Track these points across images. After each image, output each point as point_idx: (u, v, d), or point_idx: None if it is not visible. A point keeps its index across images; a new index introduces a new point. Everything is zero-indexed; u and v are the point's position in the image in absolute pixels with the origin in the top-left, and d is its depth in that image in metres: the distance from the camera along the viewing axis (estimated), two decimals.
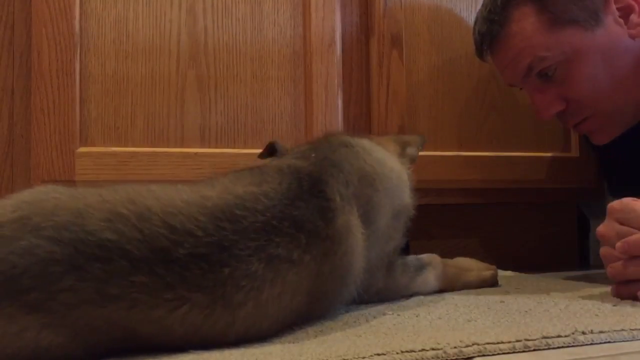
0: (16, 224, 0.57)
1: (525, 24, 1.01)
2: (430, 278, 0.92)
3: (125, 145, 1.08)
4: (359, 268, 0.75)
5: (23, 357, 0.56)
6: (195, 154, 1.10)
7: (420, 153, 1.26)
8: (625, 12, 1.00)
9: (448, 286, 0.95)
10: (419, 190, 0.96)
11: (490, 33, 1.06)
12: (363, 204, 0.76)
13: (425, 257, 0.94)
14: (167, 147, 1.10)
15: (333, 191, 0.71)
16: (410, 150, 0.98)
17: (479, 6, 1.29)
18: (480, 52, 1.13)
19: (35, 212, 0.58)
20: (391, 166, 0.85)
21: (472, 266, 1.01)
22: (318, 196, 0.70)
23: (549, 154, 1.37)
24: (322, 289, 0.70)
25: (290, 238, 0.64)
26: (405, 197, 0.87)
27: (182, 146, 1.11)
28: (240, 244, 0.61)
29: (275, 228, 0.64)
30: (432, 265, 0.93)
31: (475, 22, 1.12)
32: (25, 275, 0.54)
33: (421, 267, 0.92)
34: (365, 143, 0.86)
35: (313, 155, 0.78)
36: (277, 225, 0.64)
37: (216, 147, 1.12)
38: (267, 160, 0.87)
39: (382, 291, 0.85)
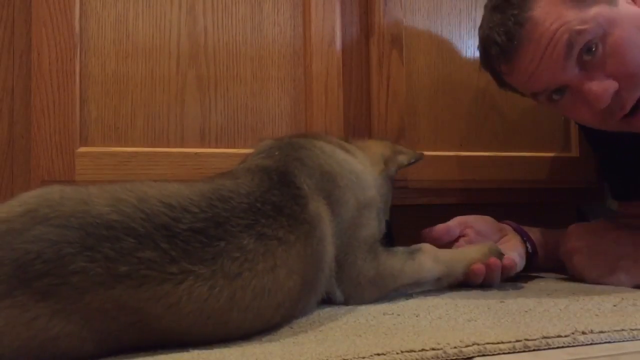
0: (25, 217, 0.59)
1: (550, 7, 0.94)
2: (425, 261, 0.91)
3: (125, 145, 1.08)
4: (330, 254, 0.80)
5: (31, 349, 0.57)
6: (195, 154, 1.10)
7: None
8: None
9: (449, 269, 0.94)
10: (419, 190, 0.97)
11: (517, 24, 0.95)
12: (325, 196, 0.81)
13: (414, 246, 0.94)
14: (167, 147, 1.10)
15: (301, 181, 0.78)
16: (401, 158, 1.04)
17: (479, 6, 1.29)
18: (498, 61, 1.00)
19: (42, 204, 0.60)
20: (350, 168, 0.89)
21: (468, 249, 1.01)
22: (289, 185, 0.76)
23: (549, 154, 1.37)
24: (310, 272, 0.74)
25: (273, 220, 0.70)
26: (370, 192, 0.90)
27: (182, 146, 1.11)
28: (231, 220, 0.66)
29: (260, 210, 0.70)
30: (423, 250, 0.93)
31: (487, 36, 1.00)
32: (39, 260, 0.56)
33: (412, 252, 0.92)
34: (325, 147, 0.90)
35: (277, 153, 0.84)
36: (261, 207, 0.70)
37: (216, 147, 1.12)
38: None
39: (376, 280, 0.86)
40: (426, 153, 1.25)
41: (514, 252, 1.03)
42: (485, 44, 1.02)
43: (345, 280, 0.84)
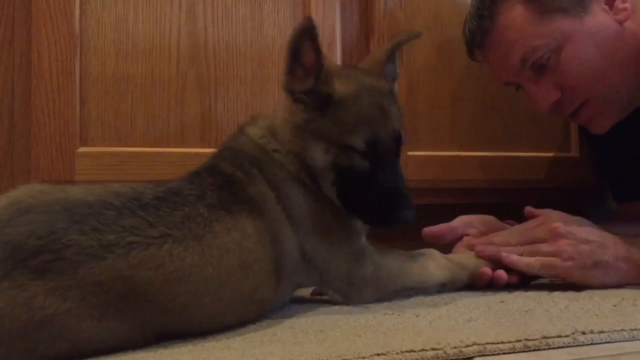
0: (10, 209, 0.64)
1: (515, 15, 1.04)
2: (428, 265, 0.92)
3: (125, 145, 1.08)
4: (291, 242, 0.83)
5: (29, 329, 0.58)
6: (196, 154, 1.09)
7: (420, 153, 1.26)
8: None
9: (454, 275, 0.94)
10: (419, 190, 0.96)
11: (480, 28, 1.08)
12: (267, 181, 0.84)
13: (419, 250, 0.94)
14: (168, 147, 1.10)
15: (231, 170, 0.83)
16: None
17: None
18: (471, 50, 1.14)
19: (24, 195, 0.66)
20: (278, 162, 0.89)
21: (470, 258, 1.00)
22: (219, 174, 0.83)
23: (549, 154, 1.37)
24: (268, 246, 0.79)
25: (217, 194, 0.78)
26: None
27: (182, 146, 1.11)
28: (185, 191, 0.75)
29: (204, 186, 0.78)
30: (427, 255, 0.93)
31: (465, 22, 1.13)
32: (33, 237, 0.61)
33: (415, 256, 0.92)
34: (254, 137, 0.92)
35: (212, 155, 0.91)
36: (205, 184, 0.79)
37: (216, 147, 1.12)
38: None
39: (373, 280, 0.86)
40: (426, 153, 1.26)
41: None
42: (463, 31, 1.15)
43: (335, 281, 0.85)
